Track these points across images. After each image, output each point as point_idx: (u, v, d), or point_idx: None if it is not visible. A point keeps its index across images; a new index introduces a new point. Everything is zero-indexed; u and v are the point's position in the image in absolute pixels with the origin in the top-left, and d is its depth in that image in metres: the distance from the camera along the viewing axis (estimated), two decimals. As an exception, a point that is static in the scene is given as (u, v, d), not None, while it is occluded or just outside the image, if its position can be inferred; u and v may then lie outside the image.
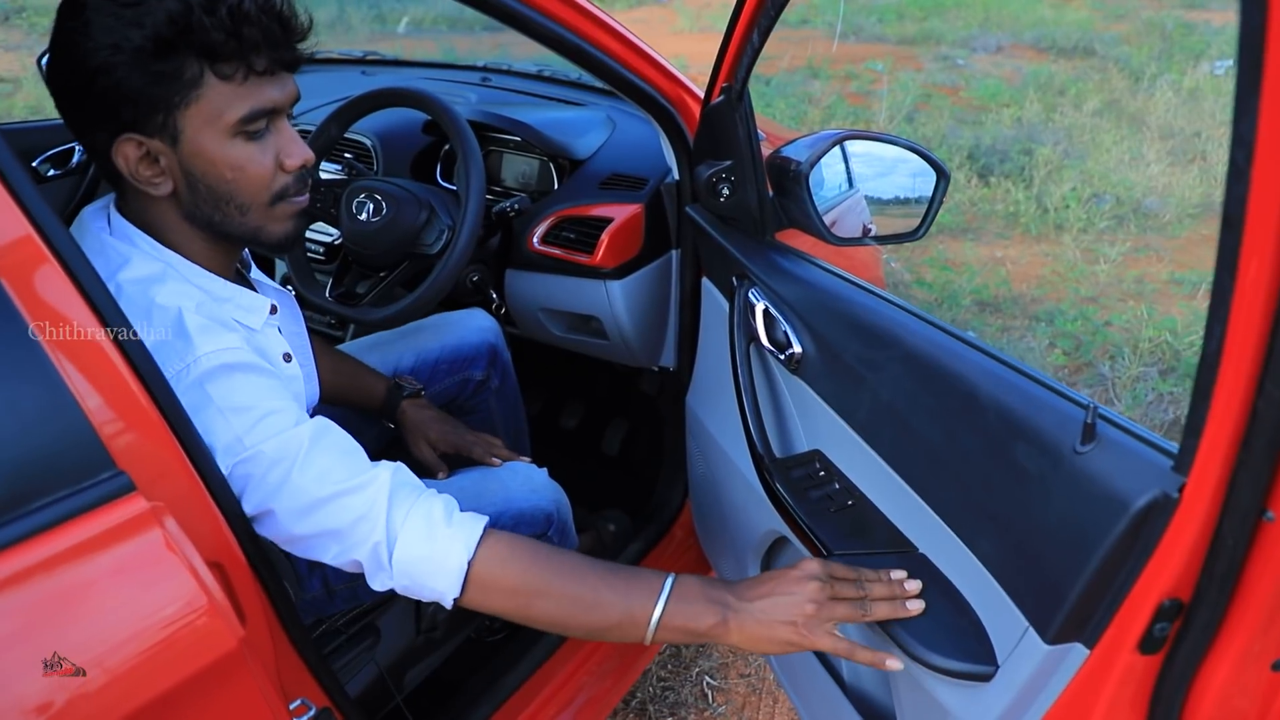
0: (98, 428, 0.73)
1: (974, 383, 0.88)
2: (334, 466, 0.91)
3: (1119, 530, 0.70)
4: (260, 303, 1.03)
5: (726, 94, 1.24)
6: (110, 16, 0.83)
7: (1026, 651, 0.80)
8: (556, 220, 1.59)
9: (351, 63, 2.39)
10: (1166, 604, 0.70)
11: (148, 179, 0.91)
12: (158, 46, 0.84)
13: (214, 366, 0.88)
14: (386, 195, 1.44)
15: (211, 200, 0.94)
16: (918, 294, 3.65)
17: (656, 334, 1.63)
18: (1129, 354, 3.14)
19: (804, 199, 1.27)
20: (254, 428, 0.88)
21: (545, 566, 0.94)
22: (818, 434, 1.16)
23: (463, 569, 0.92)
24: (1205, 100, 6.18)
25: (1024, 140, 5.38)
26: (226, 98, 0.89)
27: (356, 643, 1.29)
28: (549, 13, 1.21)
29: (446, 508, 0.95)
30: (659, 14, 9.56)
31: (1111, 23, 8.80)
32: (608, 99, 1.95)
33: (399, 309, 1.41)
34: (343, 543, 0.91)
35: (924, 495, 0.95)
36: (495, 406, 1.72)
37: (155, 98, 0.87)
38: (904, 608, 0.91)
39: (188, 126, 0.89)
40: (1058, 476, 0.77)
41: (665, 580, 0.95)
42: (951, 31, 8.54)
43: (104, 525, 0.72)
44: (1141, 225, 4.37)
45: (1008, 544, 0.84)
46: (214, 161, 0.91)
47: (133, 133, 0.88)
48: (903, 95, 6.22)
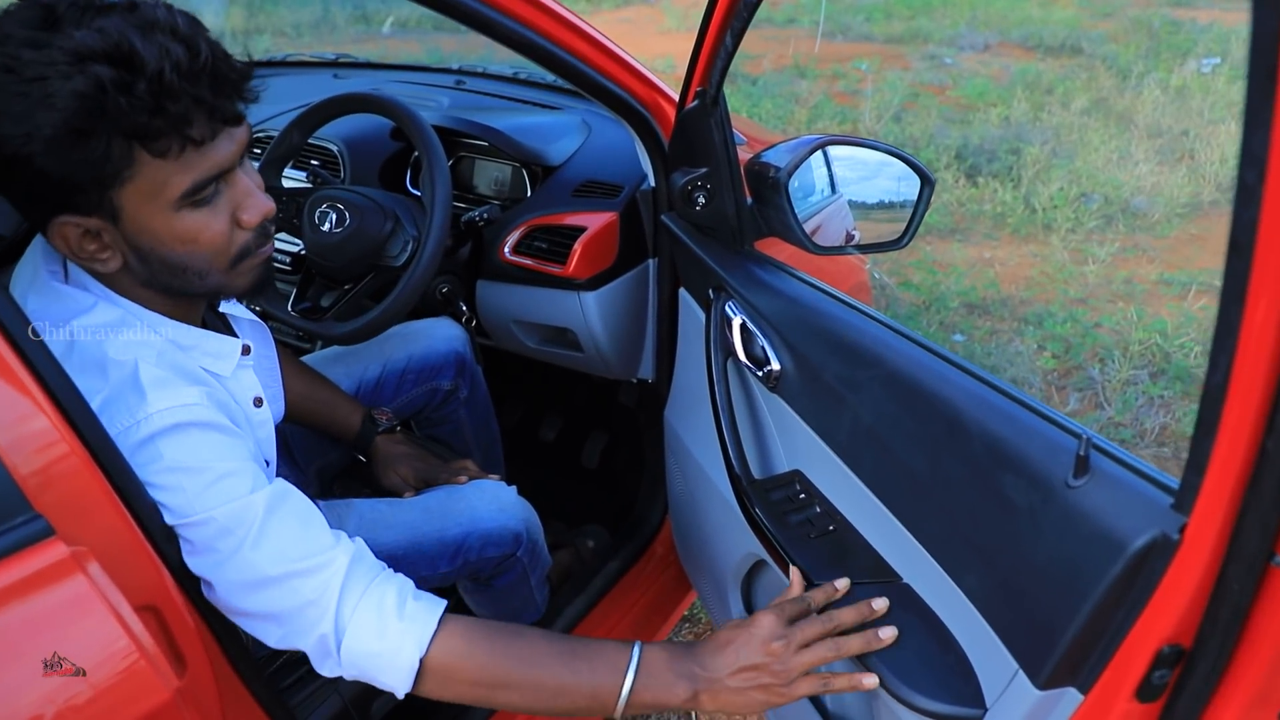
0: (11, 469, 0.68)
1: (959, 407, 0.83)
2: (290, 543, 0.85)
3: (1115, 572, 0.65)
4: (230, 346, 0.96)
5: (701, 98, 1.18)
6: (15, 97, 0.71)
7: (1016, 695, 0.76)
8: (528, 229, 1.53)
9: (323, 65, 2.33)
10: (1166, 650, 0.65)
11: (92, 254, 0.82)
12: (73, 133, 0.72)
13: (168, 425, 0.81)
14: (349, 205, 1.39)
15: (166, 270, 0.85)
16: (905, 296, 3.61)
17: (633, 346, 1.58)
18: (1119, 356, 3.10)
19: (784, 207, 1.22)
20: (205, 491, 0.81)
21: (504, 654, 0.89)
22: (797, 454, 1.11)
23: (414, 667, 0.86)
24: (1193, 98, 6.15)
25: (1012, 140, 5.34)
26: (165, 173, 0.78)
27: (317, 674, 1.23)
28: (515, 15, 1.15)
29: (399, 594, 0.88)
30: (646, 13, 9.49)
31: (1099, 21, 8.78)
32: (584, 103, 1.90)
33: (363, 324, 1.36)
34: (286, 627, 0.86)
35: (907, 523, 0.90)
36: (465, 417, 1.67)
37: (84, 182, 0.76)
38: (877, 638, 0.87)
39: (126, 204, 0.79)
40: (1048, 511, 0.72)
41: (630, 655, 0.90)
42: (939, 30, 8.50)
43: (18, 574, 0.66)
44: (1130, 225, 4.33)
45: (995, 579, 0.79)
46: (162, 238, 0.82)
47: (67, 215, 0.79)
48: (890, 95, 6.18)
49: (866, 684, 0.88)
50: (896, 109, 6.02)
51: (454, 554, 1.26)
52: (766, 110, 6.12)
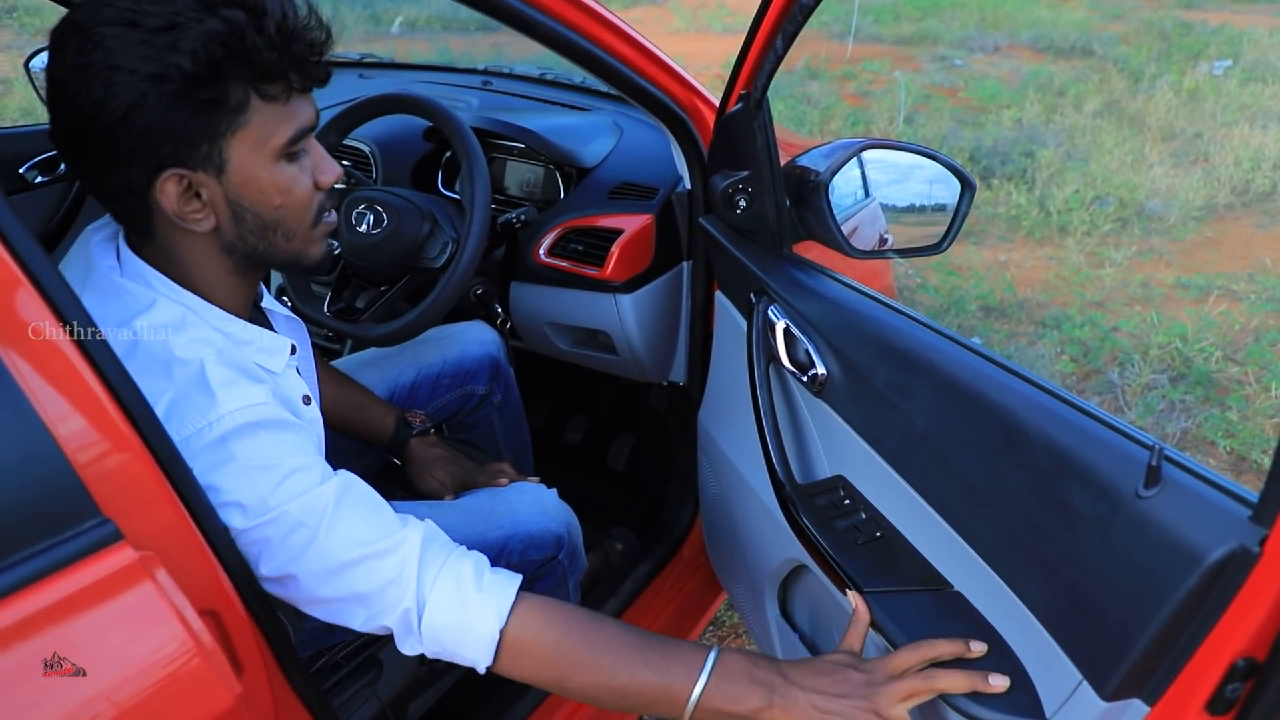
0: (79, 470, 0.67)
1: (1019, 416, 0.82)
2: (362, 527, 0.86)
3: (1191, 584, 0.65)
4: (281, 344, 0.97)
5: (745, 101, 1.18)
6: (141, 45, 0.75)
7: (1080, 706, 0.75)
8: (564, 231, 1.53)
9: (348, 65, 2.33)
10: (1240, 664, 0.65)
11: (189, 214, 0.84)
12: (206, 71, 0.77)
13: (239, 425, 0.82)
14: (387, 206, 1.38)
15: (258, 229, 0.88)
16: (924, 300, 3.60)
17: (667, 349, 1.58)
18: (1138, 361, 3.09)
19: (823, 210, 1.22)
20: (278, 487, 0.82)
21: (581, 636, 0.90)
22: (841, 459, 1.10)
23: (494, 638, 0.87)
24: (1205, 101, 6.14)
25: (1025, 142, 5.34)
26: (274, 120, 0.83)
27: (358, 677, 1.23)
28: (558, 16, 1.15)
29: (477, 568, 0.90)
30: (654, 14, 9.50)
31: (1109, 23, 8.76)
32: (612, 103, 1.89)
33: (401, 325, 1.35)
34: (371, 608, 0.87)
35: (961, 531, 0.90)
36: (497, 421, 1.67)
37: (200, 129, 0.80)
38: (986, 683, 0.83)
39: (235, 155, 0.83)
40: (1118, 521, 0.71)
41: (707, 657, 0.89)
42: (948, 32, 8.49)
43: (87, 579, 0.66)
44: (1145, 228, 4.33)
45: (1057, 589, 0.78)
46: (263, 188, 0.86)
47: (174, 168, 0.81)
48: (903, 96, 6.17)
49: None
50: (909, 111, 6.01)
51: (496, 557, 1.25)
52: (779, 112, 6.11)
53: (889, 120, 5.83)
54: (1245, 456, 2.67)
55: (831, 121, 5.93)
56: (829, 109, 6.19)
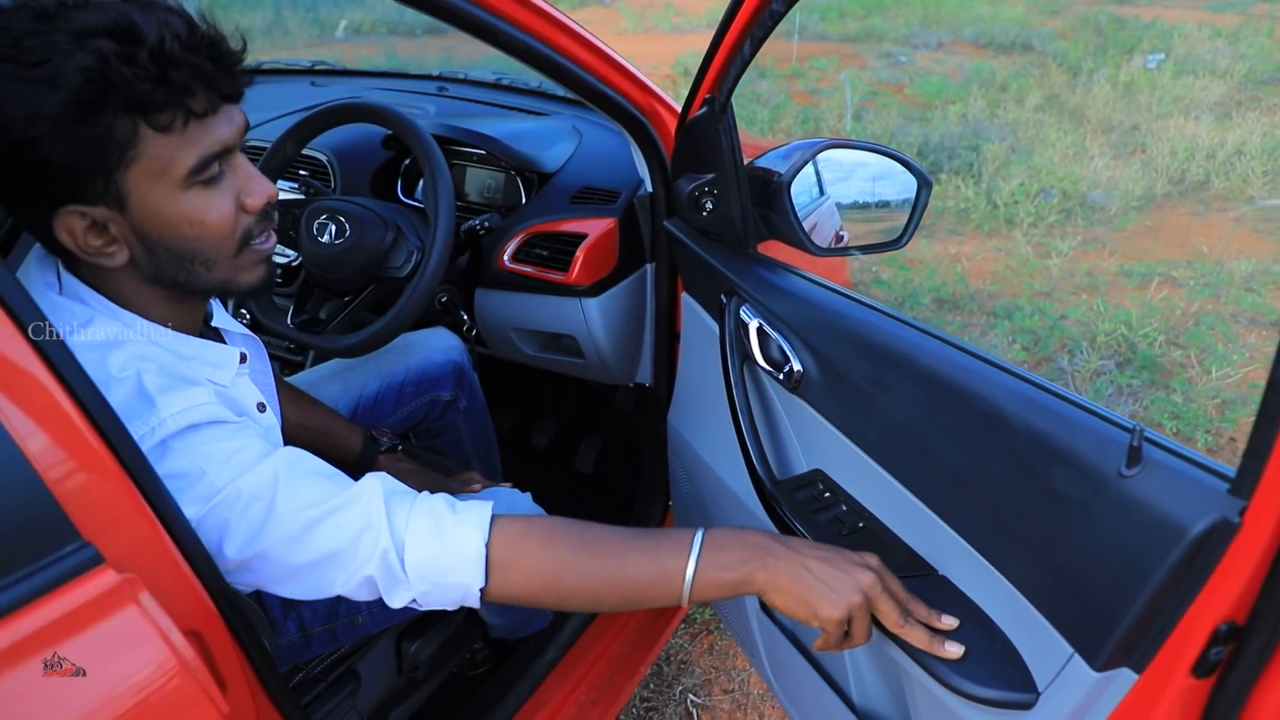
0: (53, 489, 0.66)
1: (999, 404, 0.85)
2: (317, 488, 0.84)
3: (1176, 556, 0.67)
4: (228, 355, 0.95)
5: (710, 105, 1.19)
6: (17, 82, 0.72)
7: (1072, 678, 0.78)
8: (528, 237, 1.53)
9: (299, 73, 2.30)
10: (1223, 628, 0.68)
11: (99, 250, 0.82)
12: (79, 110, 0.73)
13: (182, 427, 0.81)
14: (349, 216, 1.37)
15: (173, 261, 0.85)
16: (878, 293, 3.66)
17: (633, 351, 1.59)
18: (1087, 348, 3.17)
19: (786, 210, 1.24)
20: (223, 466, 0.81)
21: (566, 536, 0.88)
22: (819, 453, 1.12)
23: (481, 553, 0.85)
24: (1141, 94, 6.32)
25: (970, 136, 5.45)
26: (171, 149, 0.79)
27: (336, 691, 1.22)
28: (517, 22, 1.15)
29: (448, 501, 0.88)
30: (602, 15, 9.51)
31: (1046, 18, 8.98)
32: (570, 108, 1.90)
33: (368, 335, 1.34)
34: (349, 564, 0.84)
35: (946, 518, 0.92)
36: (463, 426, 1.67)
37: (91, 164, 0.77)
38: (941, 646, 0.86)
39: (133, 188, 0.79)
40: (1102, 501, 0.74)
41: (695, 534, 0.88)
42: (893, 29, 8.63)
43: (71, 604, 0.65)
44: (1088, 218, 4.44)
45: (1045, 569, 0.81)
46: (169, 221, 0.82)
47: (72, 204, 0.79)
48: (849, 94, 6.26)
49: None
50: (857, 107, 6.10)
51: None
52: (728, 111, 6.15)
53: (838, 118, 5.90)
54: (1190, 438, 2.75)
55: (782, 120, 5.99)
56: (779, 107, 6.26)
